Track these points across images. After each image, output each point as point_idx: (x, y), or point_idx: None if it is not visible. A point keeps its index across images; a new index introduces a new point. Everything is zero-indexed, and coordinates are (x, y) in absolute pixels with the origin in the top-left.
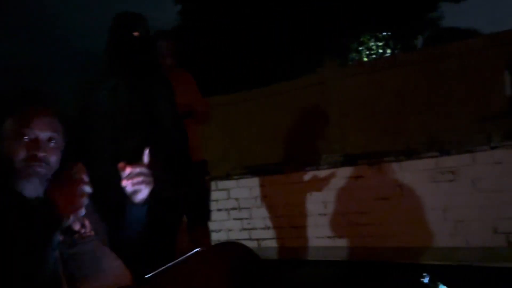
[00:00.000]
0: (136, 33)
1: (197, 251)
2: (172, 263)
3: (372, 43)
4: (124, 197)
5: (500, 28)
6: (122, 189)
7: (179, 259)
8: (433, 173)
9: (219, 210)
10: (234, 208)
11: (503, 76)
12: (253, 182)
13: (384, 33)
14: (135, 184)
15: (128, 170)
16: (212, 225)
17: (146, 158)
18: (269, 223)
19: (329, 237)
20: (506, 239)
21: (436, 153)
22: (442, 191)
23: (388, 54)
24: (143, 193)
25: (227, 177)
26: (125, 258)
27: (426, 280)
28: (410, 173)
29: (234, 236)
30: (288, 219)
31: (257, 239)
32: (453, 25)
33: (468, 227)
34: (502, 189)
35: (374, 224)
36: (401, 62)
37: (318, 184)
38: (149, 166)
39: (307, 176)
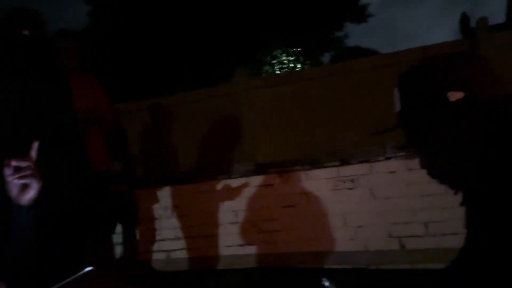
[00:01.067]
0: (26, 32)
1: (90, 270)
2: (61, 283)
3: (284, 57)
4: (9, 200)
5: (397, 48)
6: (5, 191)
7: (70, 279)
8: (335, 182)
9: None
10: (142, 219)
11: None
12: (164, 192)
13: (295, 49)
14: (23, 178)
15: (14, 162)
16: (117, 238)
17: (34, 152)
18: (180, 233)
19: (239, 245)
20: (399, 243)
21: (338, 162)
22: (343, 198)
23: (298, 69)
24: (32, 191)
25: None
26: (9, 277)
27: (326, 283)
28: (315, 181)
29: (142, 248)
30: (200, 229)
31: (167, 251)
32: (357, 44)
33: (366, 232)
34: (395, 196)
35: (281, 231)
36: (309, 76)
37: (230, 193)
38: (38, 162)
39: (219, 185)
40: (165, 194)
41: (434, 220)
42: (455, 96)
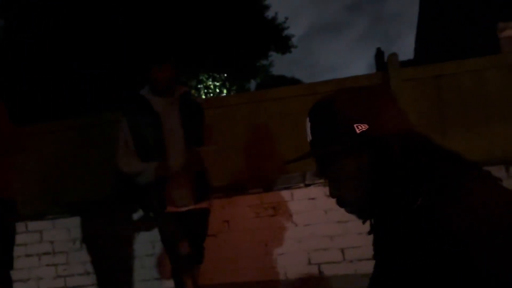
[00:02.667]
0: None
1: None
2: None
3: (210, 83)
4: None
5: (320, 78)
6: None
7: None
8: (257, 209)
9: (28, 255)
10: (47, 253)
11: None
12: (73, 222)
13: (222, 75)
14: None
15: None
16: (17, 274)
17: None
18: (90, 267)
19: (156, 279)
20: (318, 269)
21: (260, 189)
22: (265, 226)
23: (224, 94)
24: None
25: (41, 217)
26: None
27: None
28: (238, 208)
29: (46, 285)
30: (113, 262)
31: (75, 287)
32: (282, 73)
33: (287, 260)
34: (315, 222)
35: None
36: (233, 102)
37: (147, 223)
38: None
39: (135, 215)
40: (74, 225)
41: (351, 246)
42: (360, 128)
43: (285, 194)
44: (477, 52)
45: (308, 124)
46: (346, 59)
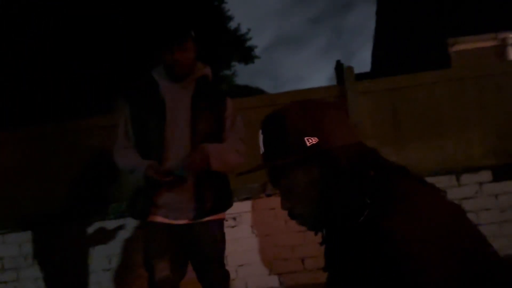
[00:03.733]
0: None
1: None
2: None
3: None
4: None
5: (284, 88)
6: None
7: None
8: None
9: None
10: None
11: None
12: (24, 237)
13: None
14: None
15: None
16: None
17: None
18: (42, 284)
19: None
20: (278, 279)
21: None
22: (226, 237)
23: None
24: None
25: None
26: None
27: None
28: None
29: None
30: (67, 279)
31: None
32: (247, 83)
33: (247, 271)
34: (275, 232)
35: None
36: None
37: (103, 237)
38: None
39: (91, 228)
40: (25, 240)
41: (311, 256)
42: (310, 141)
43: (246, 204)
44: (430, 66)
45: (261, 136)
46: (309, 70)
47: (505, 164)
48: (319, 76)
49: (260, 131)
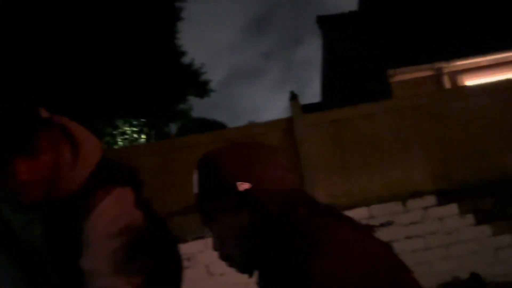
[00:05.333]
0: None
1: None
2: None
3: (127, 128)
4: None
5: (241, 121)
6: None
7: None
8: None
9: None
10: None
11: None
12: None
13: (139, 120)
14: None
15: None
16: None
17: None
18: None
19: None
20: None
21: None
22: None
23: (143, 139)
24: None
25: None
26: None
27: None
28: None
29: None
30: None
31: None
32: (204, 115)
33: None
34: (230, 271)
35: None
36: (142, 152)
37: None
38: None
39: None
40: None
41: None
42: (242, 186)
43: (199, 244)
44: (373, 96)
45: (195, 176)
46: (265, 102)
47: (447, 189)
48: (275, 107)
49: (195, 171)
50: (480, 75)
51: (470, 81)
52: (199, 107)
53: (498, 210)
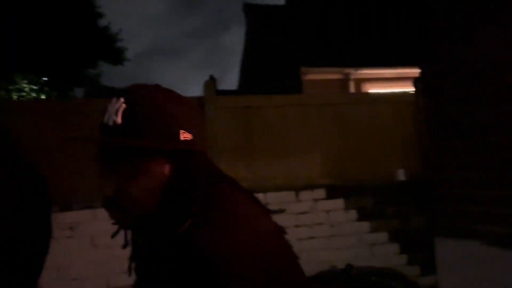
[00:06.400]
0: None
1: None
2: None
3: (26, 85)
4: None
5: None
6: None
7: None
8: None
9: None
10: None
11: None
12: None
13: (42, 78)
14: None
15: None
16: None
17: None
18: None
19: None
20: None
21: (57, 208)
22: (61, 249)
23: (43, 98)
24: None
25: None
26: None
27: None
28: None
29: None
30: None
31: None
32: (114, 84)
33: (82, 285)
34: (117, 244)
35: None
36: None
37: None
38: None
39: None
40: None
41: None
42: (184, 136)
43: (86, 213)
44: (287, 90)
45: (122, 106)
46: (183, 81)
47: (338, 185)
48: (193, 88)
49: (123, 100)
50: (382, 85)
51: (373, 89)
52: (111, 75)
53: (378, 209)
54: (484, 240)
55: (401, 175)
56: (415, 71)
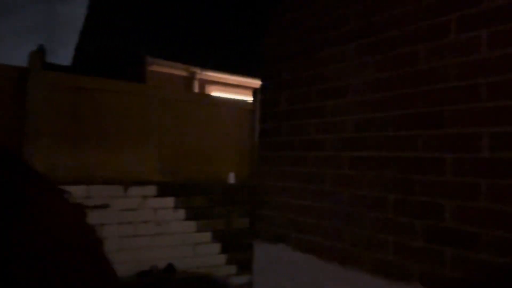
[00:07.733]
0: None
1: None
2: None
3: None
4: None
5: None
6: None
7: None
8: None
9: None
10: None
11: None
12: None
13: None
14: None
15: None
16: None
17: None
18: None
19: None
20: None
21: None
22: None
23: None
24: None
25: None
26: None
27: None
28: None
29: None
30: None
31: None
32: None
33: None
34: None
35: None
36: None
37: None
38: None
39: None
40: None
41: None
42: None
43: None
44: (129, 76)
45: None
46: (8, 44)
47: (171, 182)
48: (18, 53)
49: None
50: (226, 90)
51: (217, 92)
52: None
53: (205, 210)
54: (294, 245)
55: (231, 178)
56: (257, 82)
